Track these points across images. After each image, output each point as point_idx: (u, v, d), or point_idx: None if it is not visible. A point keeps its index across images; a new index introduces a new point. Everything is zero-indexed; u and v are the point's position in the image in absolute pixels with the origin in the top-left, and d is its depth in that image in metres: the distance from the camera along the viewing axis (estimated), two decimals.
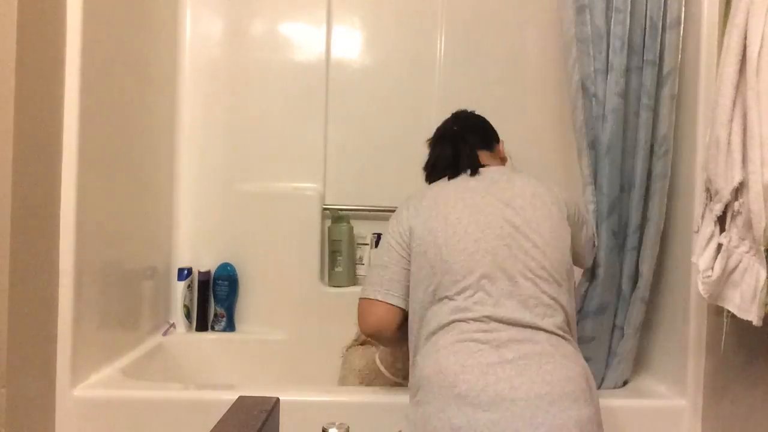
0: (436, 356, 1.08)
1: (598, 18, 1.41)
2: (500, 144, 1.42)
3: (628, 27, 1.41)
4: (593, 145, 1.44)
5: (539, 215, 1.19)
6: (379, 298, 1.23)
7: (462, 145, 1.34)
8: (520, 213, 1.18)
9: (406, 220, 1.24)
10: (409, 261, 1.22)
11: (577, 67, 1.42)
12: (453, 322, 1.11)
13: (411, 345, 1.21)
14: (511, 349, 1.06)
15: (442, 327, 1.12)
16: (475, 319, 1.10)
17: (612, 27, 1.42)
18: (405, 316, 1.24)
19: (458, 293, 1.13)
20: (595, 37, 1.42)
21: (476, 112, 1.45)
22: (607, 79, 1.42)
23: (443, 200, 1.22)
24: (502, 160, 1.41)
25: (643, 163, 1.43)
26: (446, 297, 1.14)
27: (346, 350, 1.67)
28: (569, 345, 1.12)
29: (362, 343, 1.68)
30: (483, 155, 1.33)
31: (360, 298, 1.28)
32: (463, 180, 1.27)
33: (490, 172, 1.28)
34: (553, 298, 1.13)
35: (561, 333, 1.11)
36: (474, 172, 1.28)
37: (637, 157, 1.44)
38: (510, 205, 1.19)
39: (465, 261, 1.14)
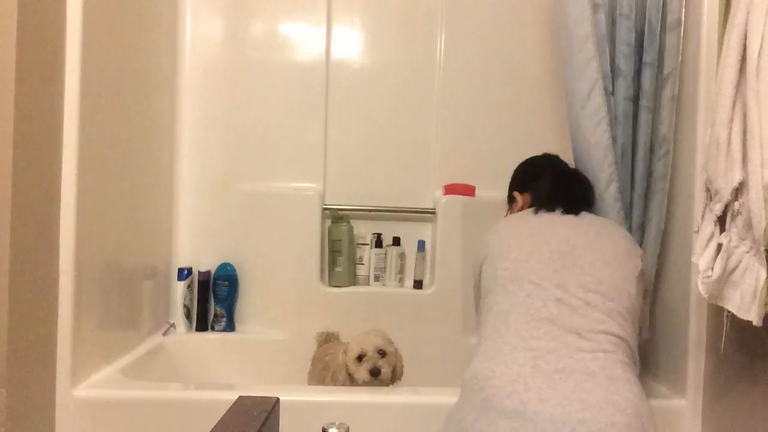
0: (475, 361, 1.09)
1: (605, 21, 1.41)
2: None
3: (634, 33, 1.41)
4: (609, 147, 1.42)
5: (604, 240, 1.21)
6: None
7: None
8: (582, 236, 1.21)
9: (483, 245, 1.28)
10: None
11: (596, 65, 1.39)
12: (496, 325, 1.10)
13: None
14: (548, 360, 1.01)
15: (486, 330, 1.12)
16: (516, 323, 1.08)
17: (618, 32, 1.41)
18: None
19: (504, 297, 1.13)
20: (605, 38, 1.41)
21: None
22: (614, 82, 1.42)
23: (514, 225, 1.28)
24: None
25: (643, 164, 1.44)
26: (492, 301, 1.14)
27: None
28: (619, 367, 1.04)
29: (326, 341, 1.70)
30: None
31: None
32: (533, 214, 1.31)
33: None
34: (607, 315, 1.09)
35: (610, 351, 1.05)
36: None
37: (636, 158, 1.44)
38: (574, 230, 1.22)
39: (514, 268, 1.16)
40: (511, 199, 1.47)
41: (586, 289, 1.11)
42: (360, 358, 1.42)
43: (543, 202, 1.32)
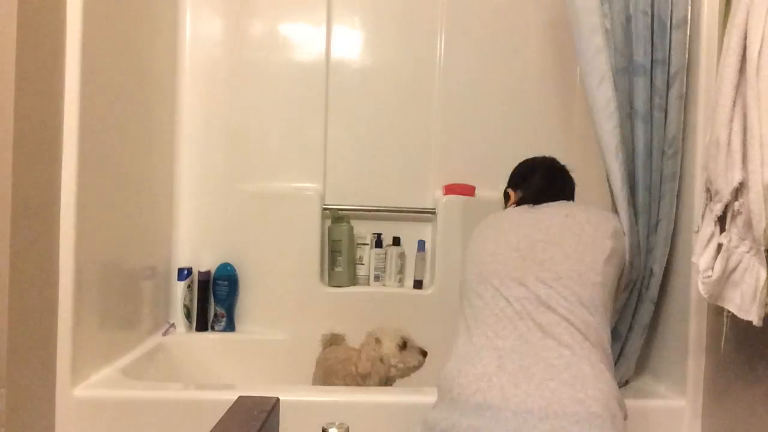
0: (448, 362, 1.12)
1: (620, 15, 1.36)
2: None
3: (650, 31, 1.36)
4: (620, 144, 1.35)
5: (567, 232, 1.21)
6: None
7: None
8: (544, 231, 1.22)
9: (466, 248, 1.33)
10: None
11: (603, 57, 1.32)
12: (466, 326, 1.15)
13: None
14: (513, 359, 1.03)
15: (459, 331, 1.17)
16: (483, 324, 1.12)
17: (635, 28, 1.36)
18: None
19: (473, 298, 1.17)
20: (618, 33, 1.35)
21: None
22: (630, 79, 1.37)
23: (484, 228, 1.32)
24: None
25: (655, 164, 1.39)
26: (465, 303, 1.20)
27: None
28: (585, 363, 1.03)
29: (331, 342, 1.69)
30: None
31: None
32: (509, 211, 1.35)
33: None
34: (569, 309, 1.10)
35: (575, 346, 1.05)
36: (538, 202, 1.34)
37: (652, 158, 1.39)
38: (536, 226, 1.24)
39: (479, 271, 1.20)
40: (505, 195, 1.49)
41: (546, 285, 1.13)
42: (404, 345, 1.49)
43: (528, 198, 1.37)
